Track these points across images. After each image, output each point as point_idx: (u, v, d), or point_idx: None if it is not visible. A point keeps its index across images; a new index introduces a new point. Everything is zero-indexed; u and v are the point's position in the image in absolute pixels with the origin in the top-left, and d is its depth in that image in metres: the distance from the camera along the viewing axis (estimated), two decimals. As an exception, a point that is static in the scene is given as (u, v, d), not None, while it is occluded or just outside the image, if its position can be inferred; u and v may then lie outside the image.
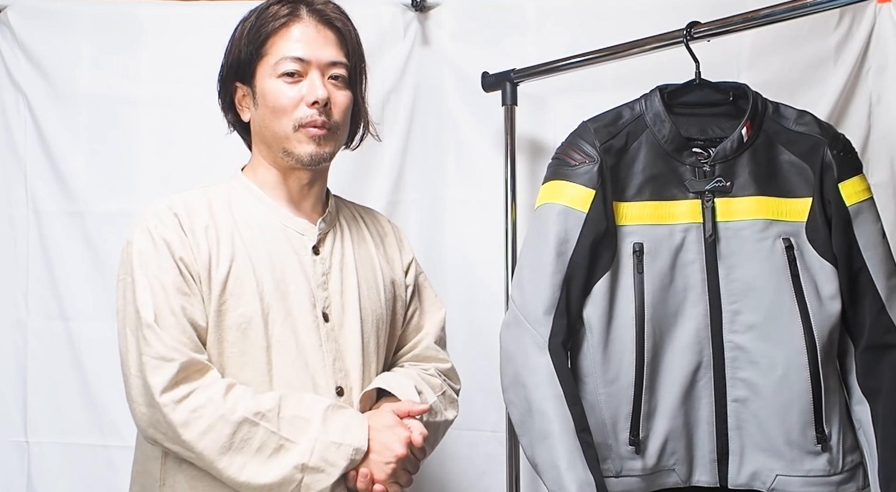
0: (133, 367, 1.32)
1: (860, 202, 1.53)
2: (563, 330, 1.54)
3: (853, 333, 1.54)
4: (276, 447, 1.32)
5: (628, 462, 1.54)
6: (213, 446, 1.29)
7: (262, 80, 1.44)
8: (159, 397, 1.29)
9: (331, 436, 1.34)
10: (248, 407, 1.32)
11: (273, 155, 1.46)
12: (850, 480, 1.52)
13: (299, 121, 1.41)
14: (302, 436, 1.33)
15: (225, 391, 1.32)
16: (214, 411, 1.30)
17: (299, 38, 1.43)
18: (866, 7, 2.04)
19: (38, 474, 2.14)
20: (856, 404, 1.53)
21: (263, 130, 1.46)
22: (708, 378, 1.54)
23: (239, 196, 1.48)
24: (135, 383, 1.32)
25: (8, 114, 2.15)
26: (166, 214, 1.39)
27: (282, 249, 1.45)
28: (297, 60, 1.42)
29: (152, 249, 1.36)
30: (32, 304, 2.15)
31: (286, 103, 1.41)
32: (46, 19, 2.13)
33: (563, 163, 1.59)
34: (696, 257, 1.55)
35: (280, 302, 1.41)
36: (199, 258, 1.38)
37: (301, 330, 1.42)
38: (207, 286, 1.38)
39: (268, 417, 1.32)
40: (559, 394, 1.50)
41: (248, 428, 1.30)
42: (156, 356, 1.30)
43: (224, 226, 1.42)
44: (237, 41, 1.47)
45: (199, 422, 1.29)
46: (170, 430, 1.30)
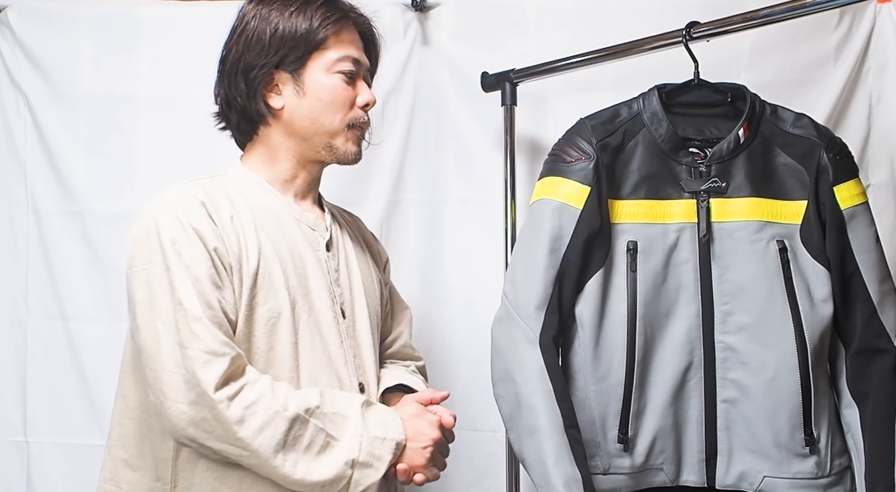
0: (169, 362, 1.26)
1: (855, 206, 1.53)
2: (554, 326, 1.54)
3: (844, 336, 1.54)
4: (324, 444, 1.30)
5: (616, 460, 1.54)
6: (269, 442, 1.26)
7: (315, 73, 1.43)
8: (214, 394, 1.24)
9: (373, 431, 1.34)
10: (299, 403, 1.30)
11: (306, 147, 1.46)
12: (837, 483, 1.52)
13: (353, 120, 1.45)
14: (344, 433, 1.32)
15: (272, 387, 1.30)
16: (269, 408, 1.27)
17: (352, 42, 1.47)
18: (866, 7, 2.03)
19: (38, 474, 2.15)
20: (845, 407, 1.54)
21: (304, 121, 1.44)
22: (698, 378, 1.54)
23: (249, 187, 1.45)
24: (173, 380, 1.25)
25: (8, 114, 2.16)
26: (192, 201, 1.34)
27: (300, 243, 1.44)
28: (355, 62, 1.46)
29: (184, 237, 1.30)
30: (32, 304, 2.15)
31: (344, 100, 1.44)
32: (46, 19, 2.13)
33: (560, 159, 1.59)
34: (690, 257, 1.55)
35: (304, 297, 1.40)
36: (230, 249, 1.34)
37: (324, 326, 1.42)
38: (239, 278, 1.34)
39: (316, 413, 1.31)
40: (548, 389, 1.50)
41: (300, 425, 1.28)
42: (206, 351, 1.25)
43: (246, 216, 1.39)
44: (287, 30, 1.42)
45: (254, 419, 1.26)
46: (220, 427, 1.25)
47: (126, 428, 1.40)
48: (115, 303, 2.11)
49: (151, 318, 1.28)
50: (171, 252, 1.29)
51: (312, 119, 1.44)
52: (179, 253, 1.29)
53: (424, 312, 2.17)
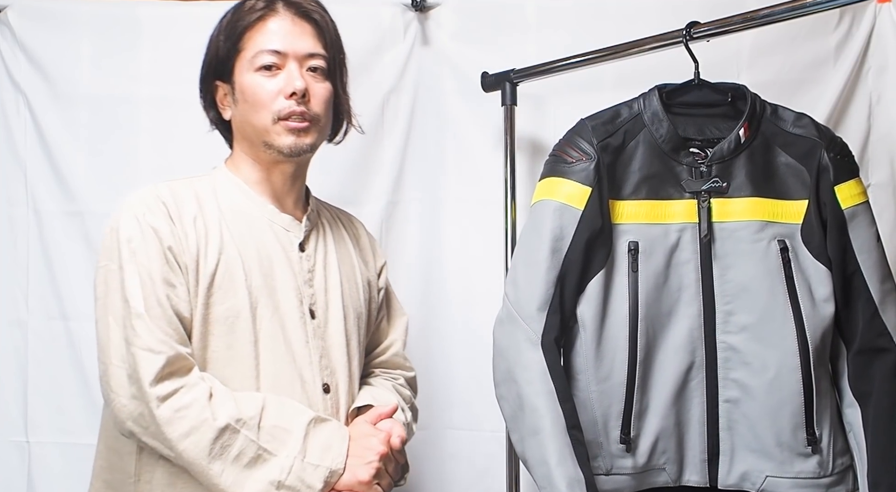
0: (115, 357, 1.30)
1: (856, 206, 1.53)
2: (556, 327, 1.54)
3: (846, 336, 1.54)
4: (255, 457, 1.30)
5: (619, 460, 1.54)
6: (194, 448, 1.28)
7: (240, 76, 1.44)
8: (148, 389, 1.27)
9: (310, 457, 1.33)
10: (231, 413, 1.30)
11: (255, 150, 1.46)
12: (839, 482, 1.52)
13: (278, 113, 1.41)
14: (281, 449, 1.32)
15: (209, 393, 1.31)
16: (199, 414, 1.28)
17: (276, 31, 1.43)
18: (866, 7, 2.03)
19: (39, 474, 2.14)
20: (847, 407, 1.54)
21: (245, 126, 1.46)
22: (700, 378, 1.54)
23: (224, 189, 1.47)
24: (117, 374, 1.30)
25: (8, 114, 2.15)
26: (154, 201, 1.38)
27: (269, 244, 1.44)
28: (273, 53, 1.42)
29: (140, 236, 1.34)
30: (32, 304, 2.15)
31: (265, 97, 1.41)
32: (46, 19, 2.13)
33: (560, 160, 1.59)
34: (691, 257, 1.55)
35: (268, 297, 1.41)
36: (187, 248, 1.36)
37: (288, 326, 1.42)
38: (195, 277, 1.36)
39: (249, 424, 1.31)
40: (551, 390, 1.50)
41: (229, 435, 1.29)
42: (144, 347, 1.28)
43: (212, 217, 1.41)
44: (215, 39, 1.47)
45: (182, 423, 1.27)
46: (152, 424, 1.28)
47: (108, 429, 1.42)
48: (115, 303, 2.11)
49: (105, 313, 1.34)
50: (127, 250, 1.33)
51: (247, 122, 1.45)
52: (134, 251, 1.33)
53: (424, 313, 2.17)
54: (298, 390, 1.41)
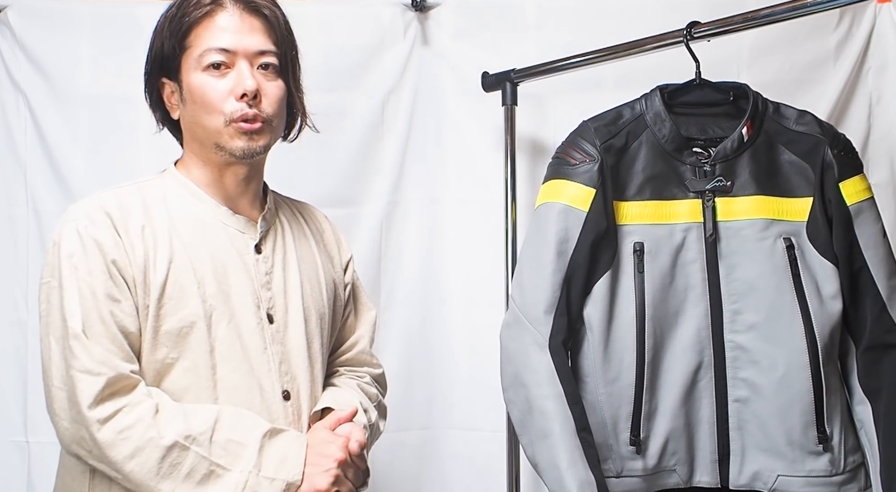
0: (56, 378, 1.25)
1: (861, 202, 1.53)
2: (563, 329, 1.54)
3: (854, 332, 1.54)
4: (207, 473, 1.25)
5: (629, 462, 1.54)
6: (141, 469, 1.22)
7: (187, 75, 1.35)
8: (87, 413, 1.22)
9: (265, 470, 1.28)
10: (179, 430, 1.24)
11: (206, 152, 1.39)
12: (851, 480, 1.52)
13: (230, 116, 1.33)
14: (235, 463, 1.26)
15: (154, 411, 1.25)
16: (143, 434, 1.23)
17: (224, 28, 1.34)
18: (866, 7, 2.04)
19: (39, 474, 2.13)
20: (857, 404, 1.53)
21: (194, 127, 1.38)
22: (709, 378, 1.54)
23: (175, 193, 1.39)
24: (57, 396, 1.25)
25: (8, 114, 2.15)
26: (97, 213, 1.31)
27: (223, 249, 1.38)
28: (222, 51, 1.34)
29: (81, 251, 1.28)
30: (32, 304, 2.14)
31: (214, 98, 1.33)
32: (46, 19, 2.13)
33: (564, 162, 1.59)
34: (697, 257, 1.55)
35: (223, 304, 1.35)
36: (133, 260, 1.29)
37: (245, 333, 1.36)
38: (143, 290, 1.30)
39: (199, 440, 1.25)
40: (560, 393, 1.50)
41: (178, 452, 1.23)
42: (82, 370, 1.23)
43: (161, 225, 1.34)
44: (159, 34, 1.38)
45: (126, 444, 1.22)
46: (95, 448, 1.23)
47: None
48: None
49: (46, 333, 1.28)
50: (67, 266, 1.27)
51: (196, 123, 1.37)
52: (76, 266, 1.27)
53: (424, 312, 2.17)
54: (258, 399, 1.35)
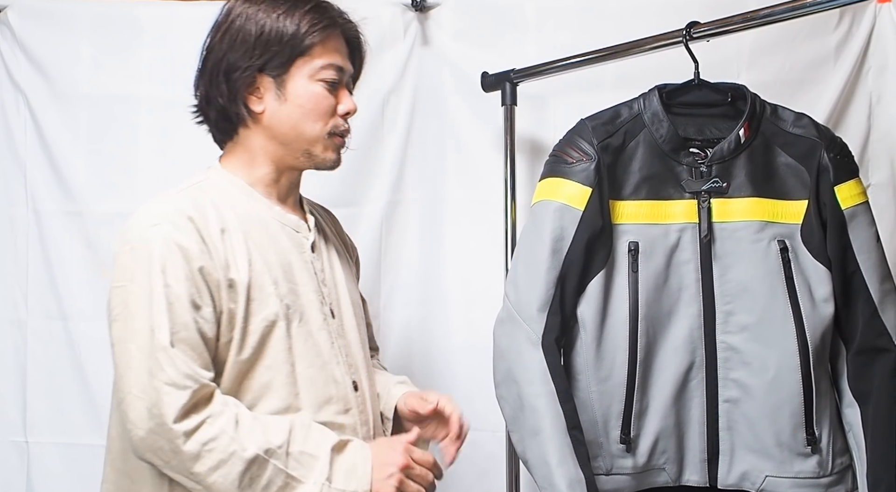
0: (136, 387, 1.24)
1: (855, 206, 1.53)
2: (556, 327, 1.54)
3: (845, 336, 1.55)
4: (283, 485, 1.27)
5: (619, 460, 1.54)
6: (224, 481, 1.24)
7: (298, 79, 1.40)
8: (174, 426, 1.22)
9: (336, 482, 1.29)
10: (259, 443, 1.26)
11: (285, 152, 1.43)
12: (839, 482, 1.53)
13: (334, 129, 1.43)
14: (309, 475, 1.28)
15: (235, 422, 1.27)
16: (227, 447, 1.24)
17: (338, 50, 1.44)
18: (866, 7, 2.03)
19: (38, 474, 2.15)
20: (846, 407, 1.54)
21: (285, 128, 1.41)
22: (700, 378, 1.55)
23: (231, 193, 1.42)
24: (135, 405, 1.24)
25: (8, 114, 2.16)
26: (179, 217, 1.31)
27: (286, 248, 1.42)
28: (339, 70, 1.43)
29: (168, 257, 1.27)
30: (32, 304, 2.15)
31: (326, 109, 1.42)
32: (46, 19, 2.13)
33: (561, 160, 1.59)
34: (691, 257, 1.55)
35: (295, 302, 1.39)
36: (218, 264, 1.31)
37: (314, 329, 1.41)
38: (228, 293, 1.31)
39: (277, 454, 1.27)
40: (551, 391, 1.51)
41: (259, 465, 1.25)
42: (169, 382, 1.23)
43: (234, 226, 1.36)
44: (272, 32, 1.39)
45: (210, 456, 1.24)
46: (175, 459, 1.24)
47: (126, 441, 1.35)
48: (115, 303, 2.12)
49: (124, 338, 1.28)
50: (155, 271, 1.27)
51: (292, 126, 1.41)
52: (163, 272, 1.27)
53: (424, 312, 2.17)
54: (334, 392, 1.40)
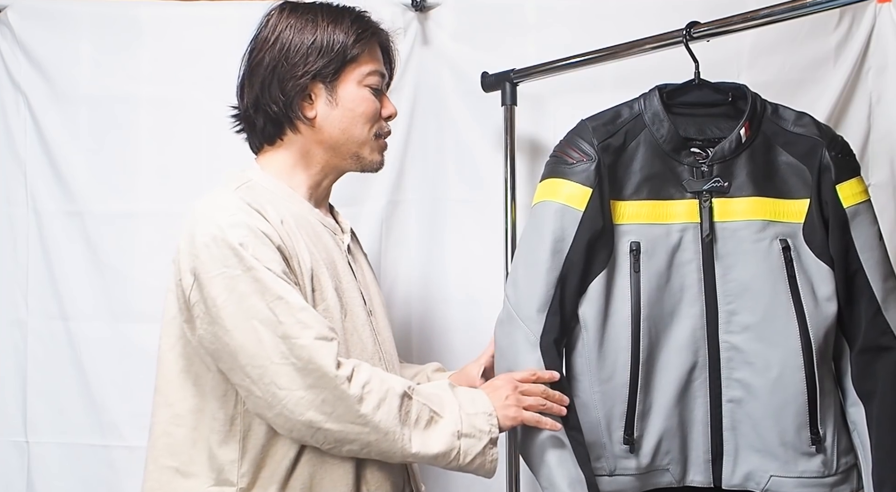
0: (275, 355, 1.30)
1: (857, 204, 1.52)
2: (555, 328, 1.54)
3: (849, 335, 1.54)
4: (429, 419, 1.37)
5: (622, 461, 1.54)
6: (387, 417, 1.33)
7: (348, 85, 1.50)
8: (336, 373, 1.30)
9: (466, 408, 1.41)
10: (401, 382, 1.38)
11: (333, 155, 1.52)
12: (844, 481, 1.52)
13: (379, 131, 1.54)
14: (445, 409, 1.39)
15: (373, 368, 1.38)
16: (381, 386, 1.34)
17: (378, 57, 1.55)
18: (866, 7, 2.03)
19: (38, 474, 2.14)
20: (850, 406, 1.54)
21: (335, 132, 1.50)
22: (703, 378, 1.54)
23: (277, 194, 1.47)
24: (283, 371, 1.30)
25: (8, 114, 2.15)
26: (245, 206, 1.38)
27: (331, 247, 1.50)
28: (381, 76, 1.54)
29: (255, 240, 1.34)
30: (32, 304, 2.15)
31: (374, 113, 1.51)
32: (46, 19, 2.13)
33: (561, 161, 1.59)
34: (693, 257, 1.55)
35: (343, 296, 1.46)
36: (290, 250, 1.39)
37: (359, 325, 1.48)
38: (301, 278, 1.39)
39: (417, 390, 1.39)
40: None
41: (407, 401, 1.36)
42: (318, 337, 1.31)
43: (289, 220, 1.43)
44: (321, 42, 1.47)
45: (371, 396, 1.32)
46: (341, 406, 1.31)
47: (174, 436, 1.41)
48: (115, 303, 2.12)
49: (245, 318, 1.32)
50: (247, 255, 1.32)
51: (343, 129, 1.50)
52: (256, 256, 1.33)
53: (424, 312, 2.17)
54: None
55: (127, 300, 2.11)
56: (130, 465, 1.69)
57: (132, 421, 2.08)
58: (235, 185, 1.44)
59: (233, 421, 1.38)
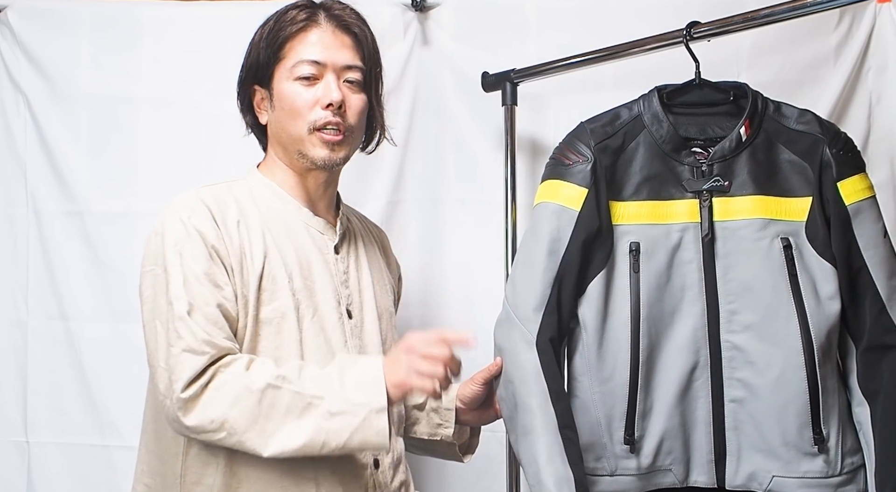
0: (162, 359, 1.32)
1: (860, 201, 1.51)
2: (552, 327, 1.54)
3: (854, 333, 1.53)
4: (304, 406, 1.31)
5: (623, 461, 1.54)
6: (242, 415, 1.29)
7: (279, 83, 1.47)
8: (181, 393, 1.28)
9: (347, 382, 1.33)
10: (270, 373, 1.32)
11: (289, 157, 1.50)
12: (849, 482, 1.50)
13: (314, 123, 1.45)
14: (324, 389, 1.32)
15: (247, 365, 1.32)
16: (236, 385, 1.30)
17: (316, 43, 1.46)
18: (866, 7, 2.03)
19: (38, 474, 2.15)
20: (856, 405, 1.52)
21: (280, 133, 1.49)
22: (705, 378, 1.54)
23: (260, 193, 1.49)
24: (163, 377, 1.31)
25: (8, 114, 2.16)
26: (198, 205, 1.40)
27: (306, 247, 1.48)
28: (313, 64, 1.45)
29: (186, 238, 1.36)
30: (32, 304, 2.15)
31: (301, 106, 1.45)
32: (46, 19, 2.13)
33: (559, 162, 1.59)
34: (694, 257, 1.55)
35: (308, 298, 1.44)
36: (231, 251, 1.38)
37: (328, 327, 1.46)
38: (241, 279, 1.38)
39: (289, 379, 1.32)
40: (543, 390, 1.50)
41: (273, 392, 1.30)
42: (186, 349, 1.30)
43: (254, 221, 1.44)
44: (256, 45, 1.50)
45: (224, 397, 1.29)
46: (199, 414, 1.29)
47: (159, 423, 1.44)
48: (115, 303, 2.12)
49: (152, 317, 1.36)
50: (173, 253, 1.35)
51: (282, 129, 1.48)
52: (181, 253, 1.35)
53: (424, 312, 2.17)
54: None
55: (127, 300, 2.11)
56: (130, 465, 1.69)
57: (132, 421, 2.06)
58: (217, 182, 1.48)
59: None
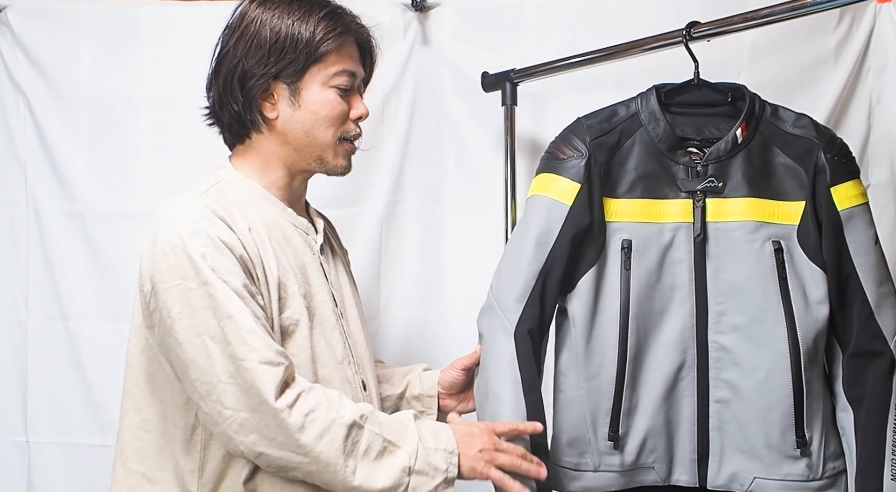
0: (224, 374, 1.26)
1: (853, 207, 1.51)
2: (532, 319, 1.54)
3: (841, 339, 1.53)
4: (381, 450, 1.30)
5: (606, 457, 1.54)
6: (329, 448, 1.27)
7: (311, 86, 1.42)
8: (274, 403, 1.25)
9: (427, 442, 1.33)
10: (353, 410, 1.31)
11: (297, 158, 1.46)
12: (830, 486, 1.51)
13: (344, 134, 1.46)
14: (403, 438, 1.33)
15: (326, 394, 1.31)
16: (326, 415, 1.28)
17: (351, 55, 1.46)
18: (866, 7, 2.03)
19: (38, 474, 2.15)
20: (840, 411, 1.53)
21: (298, 134, 1.44)
22: (691, 378, 1.54)
23: (250, 196, 1.43)
24: (230, 391, 1.26)
25: (8, 114, 2.16)
26: (210, 214, 1.33)
27: (301, 249, 1.46)
28: (351, 76, 1.45)
29: (214, 251, 1.29)
30: (32, 304, 2.16)
31: (338, 115, 1.44)
32: (46, 19, 2.13)
33: (554, 157, 1.59)
34: (685, 256, 1.55)
35: (311, 301, 1.43)
36: (254, 259, 1.34)
37: (328, 329, 1.44)
38: (265, 288, 1.35)
39: (370, 419, 1.32)
40: (516, 380, 1.50)
41: (357, 431, 1.29)
42: (263, 361, 1.26)
43: (257, 226, 1.39)
44: (291, 40, 1.40)
45: (314, 426, 1.27)
46: (281, 434, 1.26)
47: (143, 441, 1.39)
48: (115, 303, 2.12)
49: (196, 333, 1.28)
50: (205, 266, 1.28)
51: (305, 132, 1.43)
52: (213, 267, 1.28)
53: (424, 312, 2.17)
54: (349, 391, 1.42)
55: (127, 300, 2.09)
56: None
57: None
58: (205, 186, 1.41)
59: (194, 430, 1.35)
